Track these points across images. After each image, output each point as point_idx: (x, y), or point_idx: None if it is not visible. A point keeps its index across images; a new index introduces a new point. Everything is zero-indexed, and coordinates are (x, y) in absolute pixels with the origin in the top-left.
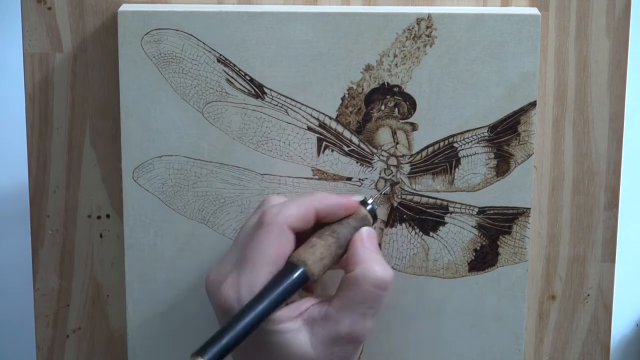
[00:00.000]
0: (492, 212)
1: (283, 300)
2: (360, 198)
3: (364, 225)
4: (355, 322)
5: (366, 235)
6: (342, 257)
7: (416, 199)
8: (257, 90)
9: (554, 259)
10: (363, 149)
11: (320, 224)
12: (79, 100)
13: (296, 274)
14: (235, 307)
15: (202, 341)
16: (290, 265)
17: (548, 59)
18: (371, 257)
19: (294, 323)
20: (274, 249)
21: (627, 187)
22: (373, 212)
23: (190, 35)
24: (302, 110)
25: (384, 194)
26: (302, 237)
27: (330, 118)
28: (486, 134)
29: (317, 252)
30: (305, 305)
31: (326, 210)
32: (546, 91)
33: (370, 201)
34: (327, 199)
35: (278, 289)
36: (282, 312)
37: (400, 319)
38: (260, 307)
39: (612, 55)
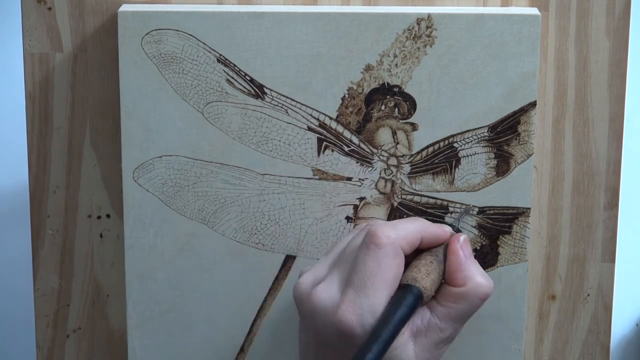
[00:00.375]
0: (492, 212)
1: (406, 321)
2: (450, 228)
3: None
4: (457, 329)
5: (464, 245)
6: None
7: (416, 199)
8: (257, 90)
9: (554, 259)
10: (363, 149)
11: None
12: (79, 100)
13: (413, 293)
14: (359, 331)
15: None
16: (404, 287)
17: (548, 59)
18: (476, 271)
19: (402, 337)
20: (392, 270)
21: (627, 187)
22: (457, 232)
23: (190, 35)
24: (302, 111)
25: (467, 214)
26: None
27: (331, 118)
28: (486, 134)
29: (423, 269)
30: None
31: (429, 238)
32: (546, 91)
33: (454, 225)
34: (431, 228)
35: (401, 310)
36: None
37: None
38: (389, 330)
39: (612, 55)
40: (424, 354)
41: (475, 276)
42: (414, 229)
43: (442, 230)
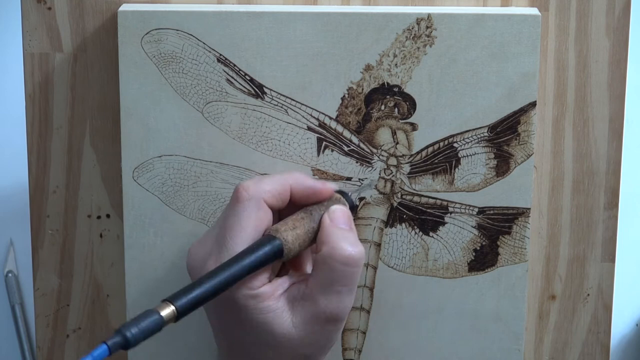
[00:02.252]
0: (492, 212)
1: (256, 266)
2: (337, 187)
3: None
4: (331, 302)
5: (335, 213)
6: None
7: (416, 199)
8: (257, 90)
9: (554, 259)
10: (363, 149)
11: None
12: (79, 100)
13: (270, 242)
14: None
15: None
16: (265, 237)
17: (548, 59)
18: (338, 235)
19: (277, 302)
20: (252, 222)
21: (627, 187)
22: (351, 203)
23: (190, 35)
24: (302, 110)
25: (369, 187)
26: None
27: (330, 118)
28: (486, 134)
29: (289, 222)
30: (287, 283)
31: (301, 190)
32: (546, 91)
33: (350, 194)
34: (304, 179)
35: (252, 254)
36: (266, 288)
37: (400, 319)
38: (233, 267)
39: (612, 55)
40: (303, 325)
41: (335, 240)
42: (280, 180)
43: (319, 185)
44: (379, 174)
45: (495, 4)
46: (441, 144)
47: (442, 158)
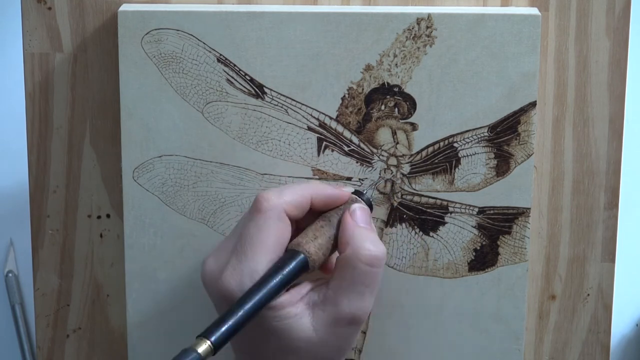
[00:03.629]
0: (492, 212)
1: (284, 285)
2: (352, 189)
3: None
4: (354, 303)
5: (356, 212)
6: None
7: (416, 198)
8: (257, 90)
9: (554, 259)
10: (363, 149)
11: (316, 215)
12: (79, 100)
13: (295, 258)
14: (239, 295)
15: None
16: (289, 252)
17: (548, 59)
18: (361, 235)
19: (296, 308)
20: (273, 234)
21: (627, 187)
22: (368, 202)
23: (191, 35)
24: (302, 110)
25: (377, 186)
26: (300, 229)
27: (331, 118)
28: (486, 134)
29: (310, 233)
30: (305, 289)
31: (322, 199)
32: (546, 91)
33: (365, 192)
34: (324, 188)
35: (279, 274)
36: (284, 298)
37: (400, 319)
38: (262, 292)
39: (612, 55)
40: (324, 328)
41: (358, 240)
42: (301, 191)
43: (337, 192)
44: (379, 174)
45: (495, 4)
46: (441, 143)
47: (442, 158)
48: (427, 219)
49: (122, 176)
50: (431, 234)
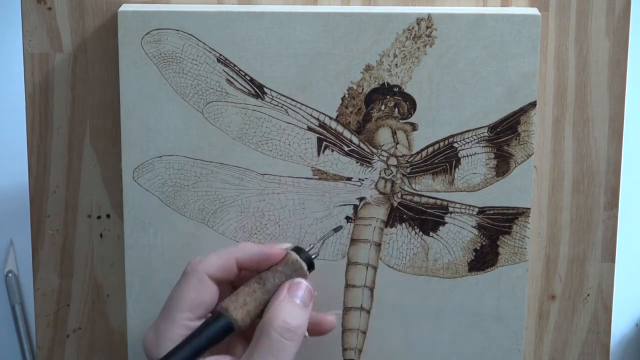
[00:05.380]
0: (492, 212)
1: (207, 345)
2: (291, 246)
3: (295, 271)
4: None
5: (291, 285)
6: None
7: (416, 199)
8: (257, 90)
9: (554, 259)
10: (363, 149)
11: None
12: (79, 100)
13: (220, 321)
14: (155, 353)
15: None
16: (216, 314)
17: (548, 59)
18: (283, 305)
19: None
20: (191, 295)
21: (627, 187)
22: (309, 260)
23: (191, 35)
24: (302, 110)
25: (331, 236)
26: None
27: (330, 118)
28: (486, 134)
29: (240, 298)
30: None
31: (248, 259)
32: (546, 91)
33: (307, 249)
34: (250, 248)
35: (203, 335)
36: None
37: (400, 319)
38: (185, 350)
39: (612, 55)
40: None
41: (279, 310)
42: (225, 254)
43: (268, 250)
44: (379, 174)
45: (495, 4)
46: (441, 144)
47: (442, 158)
48: (427, 219)
49: (122, 176)
50: (431, 234)
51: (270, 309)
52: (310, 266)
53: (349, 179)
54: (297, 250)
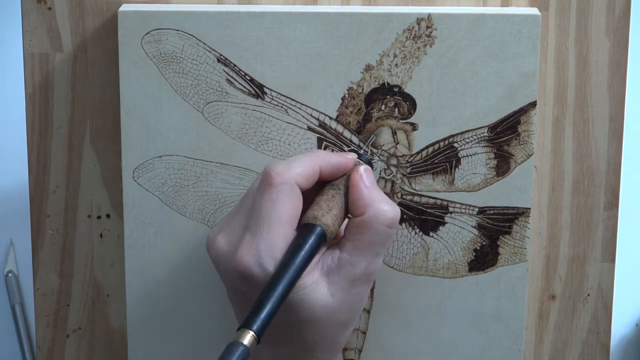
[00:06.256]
0: (492, 212)
1: (308, 261)
2: (354, 155)
3: None
4: (370, 263)
5: (364, 174)
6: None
7: (416, 199)
8: (257, 90)
9: (554, 259)
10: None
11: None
12: (79, 100)
13: (314, 232)
14: (258, 272)
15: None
16: (307, 227)
17: (548, 59)
18: (379, 198)
19: (312, 277)
20: (288, 208)
21: (627, 187)
22: (368, 162)
23: (191, 35)
24: (302, 110)
25: (373, 142)
26: (305, 200)
27: (330, 118)
28: (486, 134)
29: (323, 205)
30: (316, 256)
31: (330, 169)
32: (546, 91)
33: (361, 152)
34: (330, 157)
35: (301, 251)
36: None
37: (400, 319)
38: (291, 272)
39: (612, 55)
40: (340, 292)
41: (376, 202)
42: (309, 162)
43: (343, 159)
44: (379, 174)
45: (495, 4)
46: (441, 144)
47: (442, 158)
48: (427, 219)
49: (122, 176)
50: (431, 234)
51: (368, 204)
52: (371, 167)
53: None
54: (357, 156)
